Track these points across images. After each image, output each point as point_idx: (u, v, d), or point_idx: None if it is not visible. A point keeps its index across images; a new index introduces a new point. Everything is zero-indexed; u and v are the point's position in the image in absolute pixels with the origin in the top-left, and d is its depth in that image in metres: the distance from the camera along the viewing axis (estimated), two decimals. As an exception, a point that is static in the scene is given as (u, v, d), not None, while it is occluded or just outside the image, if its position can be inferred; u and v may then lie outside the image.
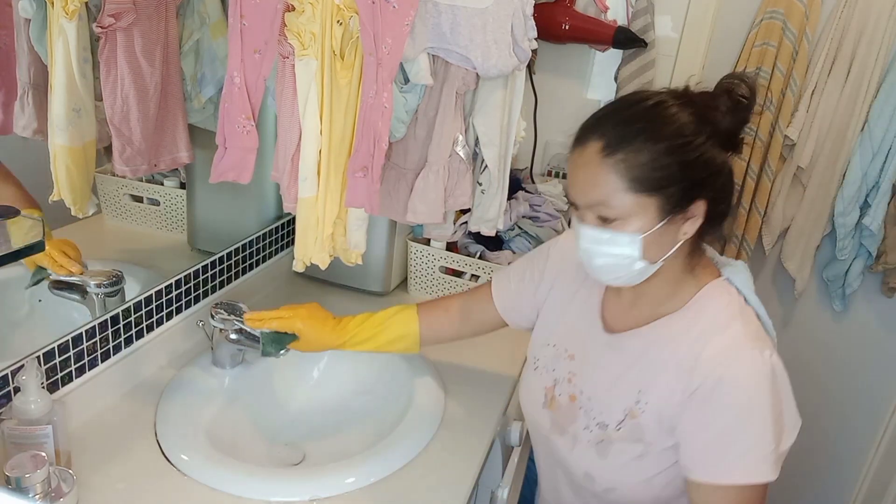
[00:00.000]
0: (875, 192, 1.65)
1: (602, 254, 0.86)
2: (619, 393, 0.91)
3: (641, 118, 0.83)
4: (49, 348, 0.94)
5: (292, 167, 1.03)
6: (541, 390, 1.02)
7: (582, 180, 0.84)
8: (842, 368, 1.89)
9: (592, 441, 0.93)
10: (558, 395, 0.99)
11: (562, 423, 0.98)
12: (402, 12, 0.97)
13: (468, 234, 1.53)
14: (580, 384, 0.97)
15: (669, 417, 0.87)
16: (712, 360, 0.83)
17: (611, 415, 0.92)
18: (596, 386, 0.95)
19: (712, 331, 0.86)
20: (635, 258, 0.84)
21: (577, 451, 0.95)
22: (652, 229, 0.83)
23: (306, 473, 1.03)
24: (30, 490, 0.77)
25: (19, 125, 0.92)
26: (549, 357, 1.02)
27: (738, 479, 0.82)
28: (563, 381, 0.99)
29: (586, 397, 0.95)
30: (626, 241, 0.83)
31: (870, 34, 1.56)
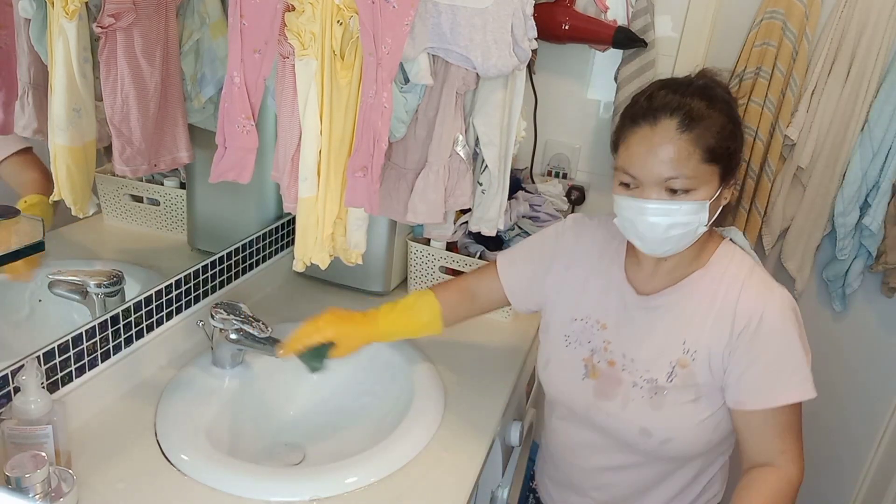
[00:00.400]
0: (875, 192, 1.64)
1: (673, 224, 0.92)
2: (662, 348, 1.00)
3: (703, 95, 0.92)
4: (49, 348, 0.94)
5: (292, 167, 1.03)
6: (579, 363, 1.06)
7: (658, 158, 0.90)
8: (842, 368, 1.89)
9: (646, 396, 1.00)
10: (597, 363, 1.05)
11: (606, 389, 1.03)
12: (401, 12, 0.97)
13: (468, 234, 1.53)
14: (618, 349, 1.03)
15: (720, 360, 0.97)
16: (750, 301, 0.95)
17: (658, 369, 1.00)
18: (637, 347, 1.02)
19: (740, 279, 0.97)
20: (703, 223, 0.92)
21: (630, 409, 1.01)
22: (715, 195, 0.92)
23: (306, 473, 1.03)
24: (30, 490, 0.77)
25: (19, 125, 0.92)
26: (580, 330, 1.07)
27: (792, 398, 0.94)
28: (599, 350, 1.05)
29: (629, 359, 1.02)
30: (696, 208, 0.91)
31: (870, 34, 1.56)
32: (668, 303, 1.01)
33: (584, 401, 1.05)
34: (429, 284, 1.55)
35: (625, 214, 0.95)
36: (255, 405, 1.16)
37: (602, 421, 1.04)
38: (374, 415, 1.21)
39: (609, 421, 1.04)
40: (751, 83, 1.63)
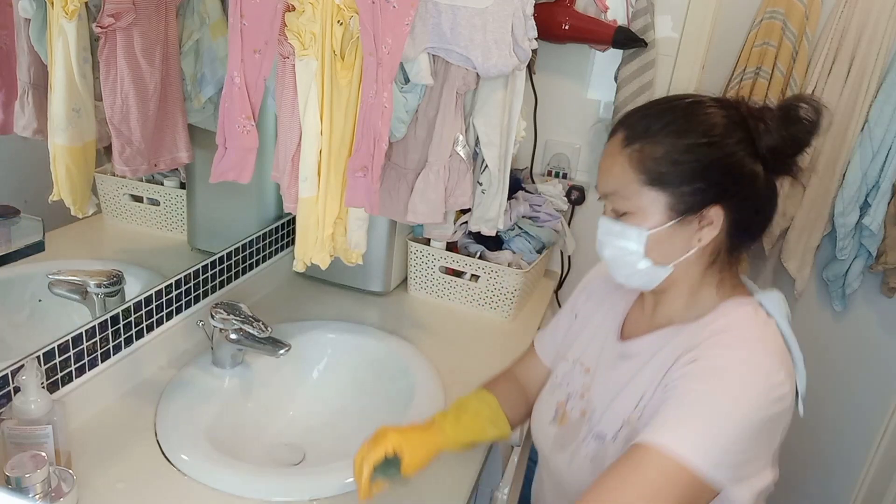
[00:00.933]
0: (875, 192, 1.65)
1: (611, 245, 0.85)
2: (622, 402, 0.86)
3: (670, 113, 0.83)
4: (49, 348, 0.94)
5: (292, 167, 1.03)
6: (552, 405, 0.98)
7: (603, 168, 0.86)
8: (842, 368, 1.89)
9: (589, 455, 0.87)
10: (570, 409, 0.94)
11: (565, 440, 0.93)
12: (402, 12, 0.97)
13: (468, 233, 1.53)
14: (591, 398, 0.92)
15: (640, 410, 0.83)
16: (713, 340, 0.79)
17: (610, 425, 0.86)
18: (603, 397, 0.90)
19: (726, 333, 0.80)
20: (639, 254, 0.83)
21: (573, 467, 0.90)
22: (659, 227, 0.81)
23: (306, 473, 1.03)
24: (30, 490, 0.77)
25: (19, 125, 0.92)
26: (564, 372, 0.99)
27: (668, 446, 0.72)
28: (575, 396, 0.95)
29: (597, 412, 0.90)
30: (632, 234, 0.83)
31: (870, 34, 1.56)
32: (642, 352, 0.88)
33: (546, 448, 0.96)
34: (429, 284, 1.55)
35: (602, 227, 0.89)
36: (255, 405, 1.16)
37: (556, 473, 0.94)
38: (374, 415, 1.21)
39: (560, 474, 0.93)
40: (751, 83, 1.63)
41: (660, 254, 0.83)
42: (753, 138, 0.80)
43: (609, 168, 0.84)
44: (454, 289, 1.54)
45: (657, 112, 0.84)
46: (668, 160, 0.80)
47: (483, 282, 1.50)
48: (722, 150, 0.80)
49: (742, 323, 0.82)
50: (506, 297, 1.49)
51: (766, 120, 0.81)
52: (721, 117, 0.81)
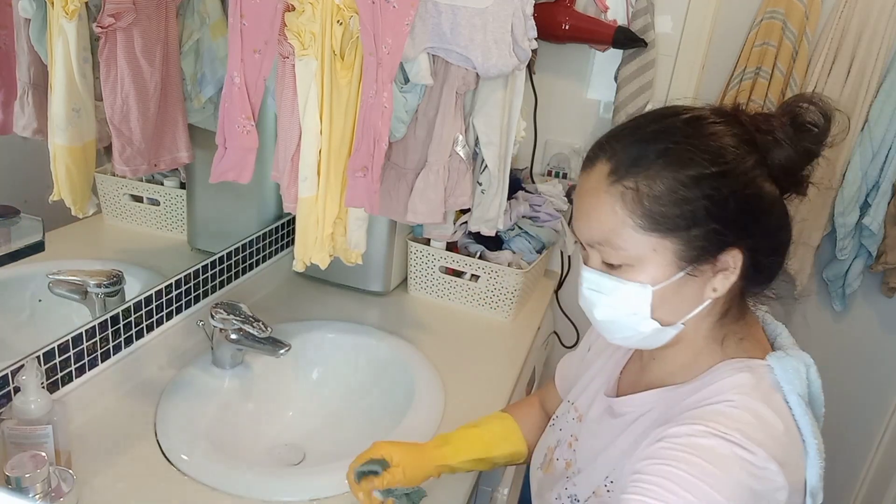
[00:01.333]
0: (875, 192, 1.64)
1: (604, 305, 0.70)
2: (599, 466, 0.75)
3: (666, 136, 0.66)
4: (49, 348, 0.94)
5: (292, 167, 1.03)
6: (543, 449, 0.89)
7: (584, 211, 0.68)
8: (842, 368, 1.89)
9: None
10: (556, 458, 0.85)
11: (545, 491, 0.84)
12: (402, 12, 0.97)
13: (468, 233, 1.53)
14: (578, 450, 0.82)
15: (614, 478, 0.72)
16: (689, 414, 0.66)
17: (584, 489, 0.76)
18: (586, 455, 0.79)
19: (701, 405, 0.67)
20: (644, 316, 0.68)
21: None
22: (667, 281, 0.66)
23: (306, 473, 1.03)
24: (30, 490, 0.77)
25: (19, 125, 0.92)
26: (562, 413, 0.89)
27: None
28: (563, 444, 0.85)
29: (577, 467, 0.80)
30: (633, 292, 0.67)
31: (870, 34, 1.56)
32: (629, 412, 0.75)
33: (534, 490, 0.89)
34: (429, 284, 1.55)
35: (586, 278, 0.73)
36: (255, 405, 1.16)
37: None
38: (374, 415, 1.21)
39: None
40: (751, 83, 1.63)
41: (668, 311, 0.68)
42: (765, 156, 0.67)
43: (592, 210, 0.67)
44: (454, 289, 1.54)
45: (650, 134, 0.67)
46: (673, 199, 0.64)
47: (483, 282, 1.50)
48: (738, 179, 0.65)
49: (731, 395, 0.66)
50: (506, 297, 1.49)
51: (775, 131, 0.67)
52: (729, 136, 0.66)
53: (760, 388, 0.67)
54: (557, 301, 1.83)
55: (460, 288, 1.53)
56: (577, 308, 1.86)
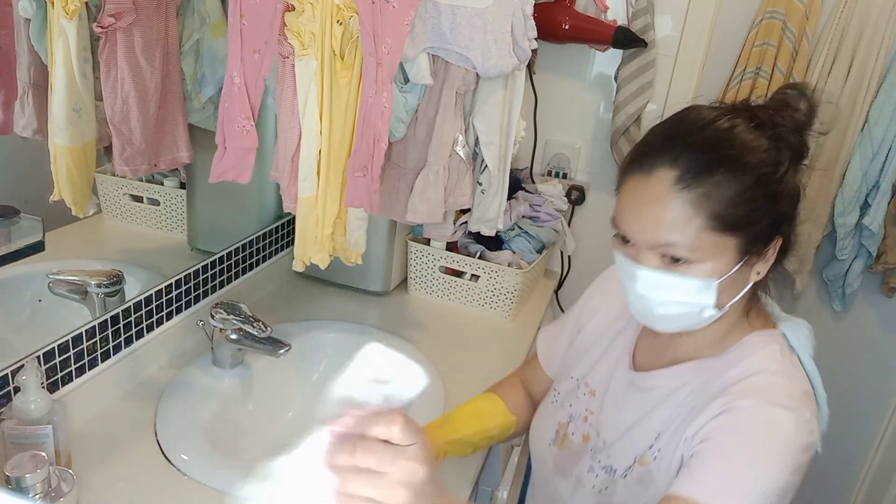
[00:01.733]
0: (875, 192, 1.64)
1: (667, 301, 0.75)
2: (636, 437, 0.82)
3: (719, 145, 0.72)
4: (49, 348, 0.94)
5: (292, 167, 1.03)
6: (553, 426, 0.93)
7: (649, 216, 0.72)
8: (841, 368, 1.89)
9: (597, 487, 0.84)
10: (571, 433, 0.90)
11: (567, 464, 0.88)
12: (401, 12, 0.97)
13: (468, 233, 1.53)
14: (597, 424, 0.87)
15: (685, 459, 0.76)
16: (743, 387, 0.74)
17: (621, 460, 0.82)
18: (613, 428, 0.85)
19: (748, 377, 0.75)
20: (707, 306, 0.74)
21: (578, 495, 0.86)
22: (729, 273, 0.73)
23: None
24: (30, 490, 0.77)
25: (19, 125, 0.92)
26: (569, 390, 0.94)
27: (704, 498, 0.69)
28: (578, 419, 0.90)
29: (601, 440, 0.86)
30: (698, 287, 0.73)
31: (870, 34, 1.56)
32: (660, 386, 0.82)
33: (547, 469, 0.92)
34: (429, 284, 1.55)
35: (621, 271, 0.79)
36: (255, 405, 1.16)
37: (555, 496, 0.91)
38: (374, 415, 1.21)
39: (561, 498, 0.89)
40: (751, 83, 1.63)
41: (724, 298, 0.75)
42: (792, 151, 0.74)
43: (660, 215, 0.71)
44: (454, 289, 1.54)
45: (704, 142, 0.73)
46: (739, 200, 0.71)
47: (483, 282, 1.50)
48: (785, 175, 0.73)
49: (770, 365, 0.76)
50: (506, 297, 1.49)
51: (787, 123, 0.75)
52: (766, 138, 0.73)
53: (785, 355, 0.78)
54: (557, 301, 1.83)
55: (460, 288, 1.53)
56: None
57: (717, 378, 0.77)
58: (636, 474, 0.80)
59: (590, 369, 0.93)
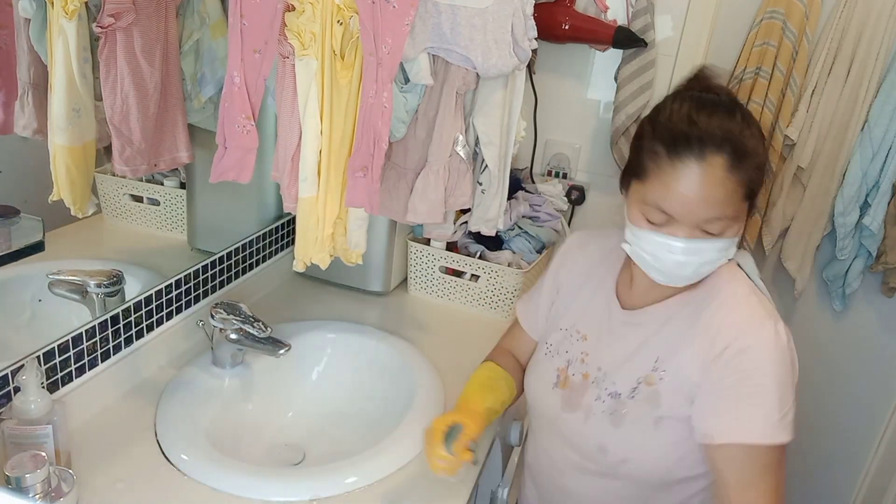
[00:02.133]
0: (875, 191, 1.65)
1: (700, 263, 0.85)
2: (635, 364, 0.93)
3: (749, 124, 0.83)
4: (49, 348, 0.94)
5: (292, 167, 1.03)
6: (552, 371, 1.02)
7: (707, 199, 0.81)
8: (841, 368, 1.89)
9: (606, 411, 0.94)
10: (571, 374, 1.00)
11: (573, 400, 0.98)
12: (402, 12, 0.97)
13: (468, 233, 1.53)
14: (594, 362, 0.98)
15: (689, 385, 0.88)
16: (735, 328, 0.86)
17: (623, 384, 0.94)
18: (610, 359, 0.96)
19: (732, 303, 0.88)
20: (723, 260, 0.87)
21: (590, 423, 0.95)
22: (741, 229, 0.86)
23: (306, 473, 1.03)
24: (30, 490, 0.77)
25: (19, 125, 0.92)
26: (560, 340, 1.04)
27: (759, 438, 0.83)
28: (576, 362, 1.00)
29: (602, 373, 0.96)
30: (726, 245, 0.85)
31: (870, 34, 1.56)
32: (652, 320, 0.94)
33: (553, 411, 1.00)
34: (429, 284, 1.55)
35: (647, 249, 0.87)
36: (255, 405, 1.16)
37: (566, 431, 0.99)
38: (374, 415, 1.21)
39: (572, 432, 0.98)
40: (751, 83, 1.63)
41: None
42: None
43: (718, 195, 0.81)
44: (454, 289, 1.54)
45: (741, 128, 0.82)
46: (761, 171, 0.83)
47: (483, 282, 1.50)
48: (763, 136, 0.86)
49: (744, 292, 0.90)
50: (506, 297, 1.49)
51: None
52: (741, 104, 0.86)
53: (745, 279, 0.92)
54: (557, 301, 1.83)
55: (460, 288, 1.53)
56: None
57: (703, 307, 0.90)
58: (644, 394, 0.91)
59: (578, 318, 1.03)
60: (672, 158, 0.81)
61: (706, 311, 0.89)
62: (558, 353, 1.03)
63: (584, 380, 0.98)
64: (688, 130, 0.81)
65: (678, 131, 0.82)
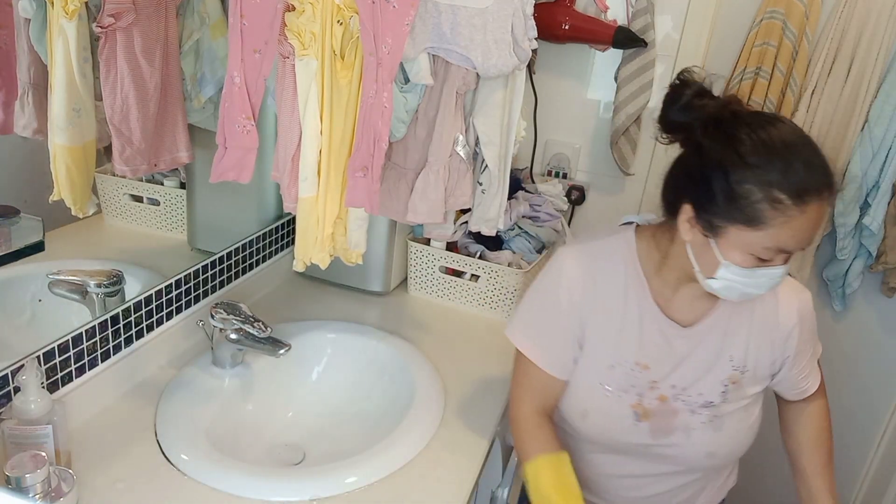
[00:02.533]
0: (875, 191, 1.64)
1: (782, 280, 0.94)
2: (715, 372, 1.00)
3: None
4: (49, 348, 0.94)
5: (292, 167, 1.03)
6: (626, 410, 1.01)
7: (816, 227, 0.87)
8: (841, 368, 1.89)
9: (706, 421, 1.00)
10: (648, 405, 1.01)
11: (665, 424, 1.01)
12: (402, 12, 0.97)
13: (468, 233, 1.53)
14: (664, 383, 1.00)
15: (768, 367, 1.02)
16: (790, 307, 1.01)
17: (711, 391, 1.00)
18: (684, 375, 1.00)
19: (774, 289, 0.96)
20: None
21: (693, 438, 1.00)
22: None
23: (306, 473, 1.03)
24: (30, 490, 0.77)
25: (19, 125, 0.92)
26: (621, 379, 1.01)
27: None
28: (646, 392, 1.01)
29: (679, 388, 1.00)
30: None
31: (870, 34, 1.56)
32: (713, 328, 1.00)
33: (641, 441, 1.02)
34: (429, 284, 1.55)
35: (750, 283, 0.90)
36: (255, 405, 1.16)
37: (664, 453, 1.03)
38: (374, 415, 1.21)
39: (672, 452, 1.02)
40: (751, 83, 1.63)
41: None
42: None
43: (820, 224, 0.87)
44: (454, 289, 1.54)
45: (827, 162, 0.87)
46: None
47: (483, 282, 1.50)
48: None
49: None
50: (506, 297, 1.49)
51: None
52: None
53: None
54: (557, 301, 1.83)
55: (460, 288, 1.53)
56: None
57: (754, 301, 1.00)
58: (733, 393, 1.00)
59: (632, 349, 1.00)
60: (800, 206, 0.83)
61: (755, 304, 1.00)
62: (625, 391, 1.01)
63: (662, 402, 1.01)
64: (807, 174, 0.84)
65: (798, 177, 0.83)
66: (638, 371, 1.00)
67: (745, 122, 0.87)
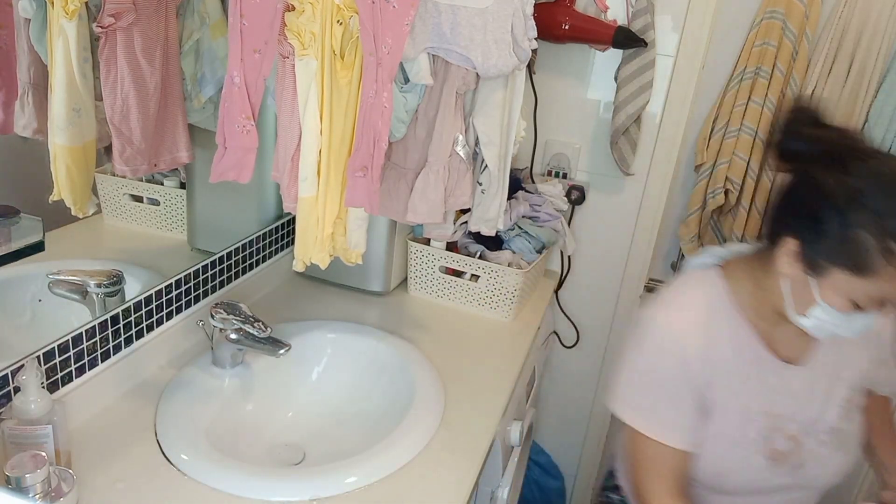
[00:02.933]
0: (875, 191, 1.64)
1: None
2: (834, 399, 1.02)
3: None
4: (49, 348, 0.94)
5: (292, 167, 1.03)
6: (762, 461, 1.00)
7: None
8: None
9: (834, 447, 1.02)
10: (780, 448, 1.01)
11: (799, 461, 1.02)
12: (402, 12, 0.97)
13: (468, 233, 1.53)
14: (789, 424, 1.01)
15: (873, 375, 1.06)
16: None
17: (832, 417, 1.02)
18: (807, 410, 1.01)
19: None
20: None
21: (828, 468, 1.03)
22: None
23: (306, 473, 1.03)
24: (30, 490, 0.77)
25: (19, 125, 0.92)
26: (752, 430, 0.99)
27: None
28: (777, 437, 1.01)
29: (806, 425, 1.01)
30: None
31: (870, 34, 1.56)
32: (824, 362, 1.02)
33: (778, 482, 1.03)
34: (429, 284, 1.55)
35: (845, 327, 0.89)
36: (255, 405, 1.16)
37: (800, 484, 1.04)
38: (374, 415, 1.21)
39: (807, 483, 1.04)
40: (750, 83, 1.63)
41: None
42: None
43: None
44: (454, 289, 1.54)
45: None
46: None
47: (483, 282, 1.50)
48: None
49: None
50: (506, 297, 1.49)
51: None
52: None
53: None
54: (557, 301, 1.83)
55: (460, 288, 1.53)
56: (576, 308, 1.87)
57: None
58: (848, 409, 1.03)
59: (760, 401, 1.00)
60: None
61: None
62: (757, 443, 1.00)
63: (790, 441, 1.01)
64: None
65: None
66: (766, 419, 1.00)
67: (865, 159, 0.83)
